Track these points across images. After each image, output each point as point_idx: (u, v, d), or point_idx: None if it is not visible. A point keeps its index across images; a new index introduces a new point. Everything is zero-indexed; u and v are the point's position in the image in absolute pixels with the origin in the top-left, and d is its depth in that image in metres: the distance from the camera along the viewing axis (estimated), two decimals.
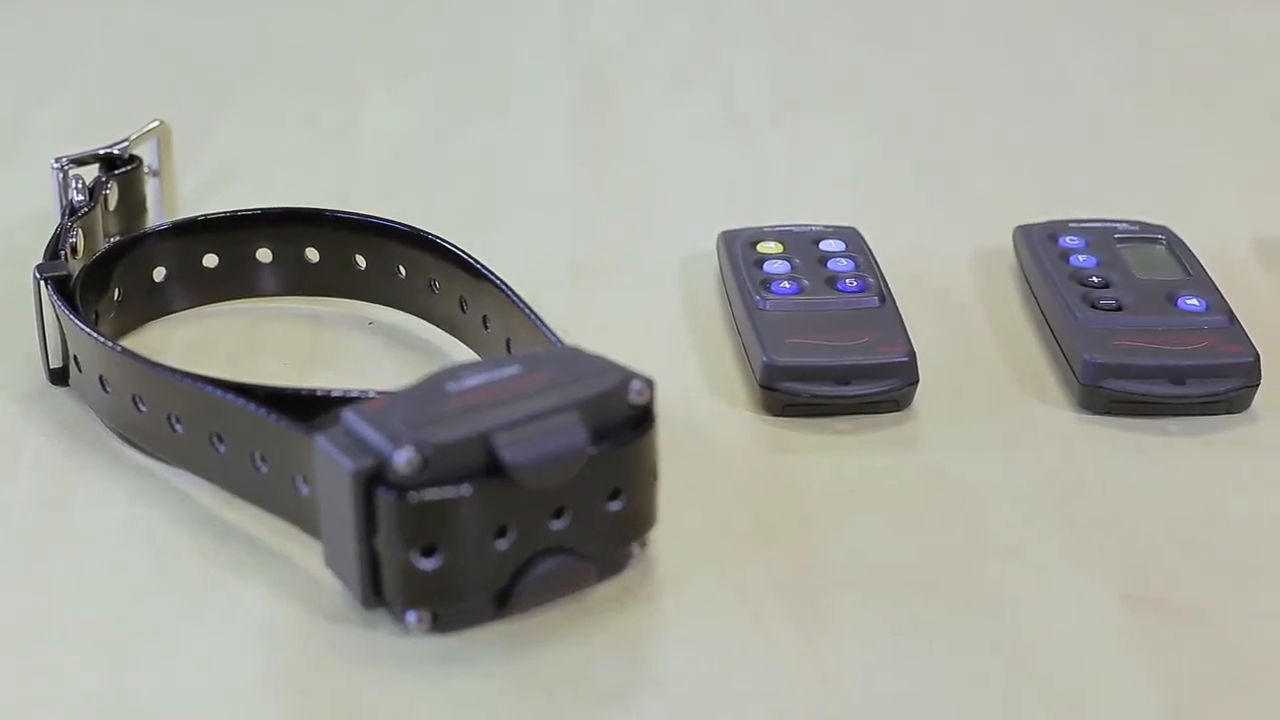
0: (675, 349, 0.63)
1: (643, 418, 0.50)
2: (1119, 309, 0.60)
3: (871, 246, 0.65)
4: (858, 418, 0.58)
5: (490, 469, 0.48)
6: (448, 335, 0.62)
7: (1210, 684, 0.48)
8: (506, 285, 0.58)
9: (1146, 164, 0.78)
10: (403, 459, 0.47)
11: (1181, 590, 0.51)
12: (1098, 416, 0.58)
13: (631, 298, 0.66)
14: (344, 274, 0.64)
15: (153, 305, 0.64)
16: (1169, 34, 0.91)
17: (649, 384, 0.50)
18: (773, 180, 0.76)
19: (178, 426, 0.54)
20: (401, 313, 0.63)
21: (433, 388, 0.50)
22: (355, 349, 0.63)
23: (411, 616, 0.49)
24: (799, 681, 0.48)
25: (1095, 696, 0.47)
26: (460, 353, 0.61)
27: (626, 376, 0.50)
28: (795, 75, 0.86)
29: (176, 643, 0.49)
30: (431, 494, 0.47)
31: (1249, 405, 0.59)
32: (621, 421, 0.50)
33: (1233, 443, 0.58)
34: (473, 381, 0.50)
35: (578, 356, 0.51)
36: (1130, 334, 0.59)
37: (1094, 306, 0.60)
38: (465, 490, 0.47)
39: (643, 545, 0.52)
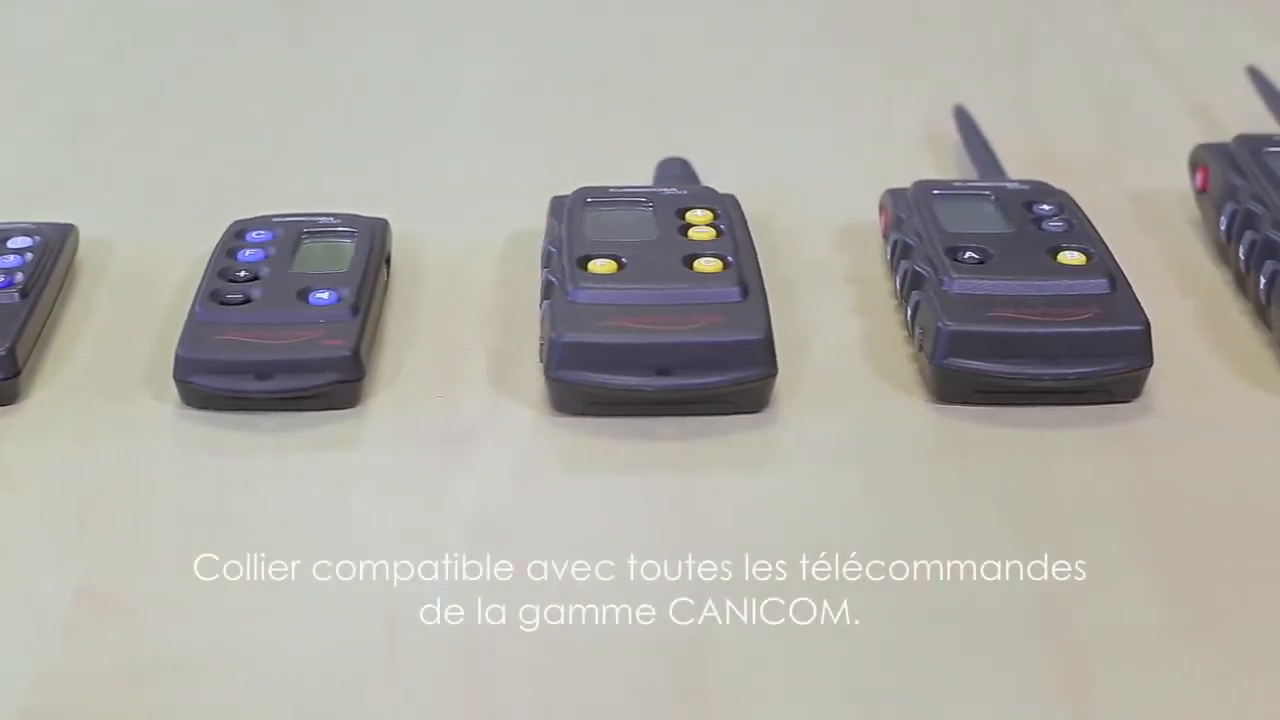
0: None
1: None
2: (245, 303, 0.59)
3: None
4: None
5: None
6: None
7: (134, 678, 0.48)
8: None
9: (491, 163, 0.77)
10: None
11: (132, 586, 0.51)
12: (196, 411, 0.57)
13: None
14: None
15: None
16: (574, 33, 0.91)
17: None
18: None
19: None
20: None
21: None
22: None
23: None
24: None
25: None
26: None
27: None
28: (125, 79, 0.86)
29: None
30: None
31: (357, 402, 0.58)
32: None
33: (321, 440, 0.57)
34: None
35: None
36: (237, 329, 0.58)
37: (221, 303, 0.59)
38: None
39: None
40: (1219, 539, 0.53)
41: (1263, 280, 0.62)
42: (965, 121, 0.75)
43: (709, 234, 0.62)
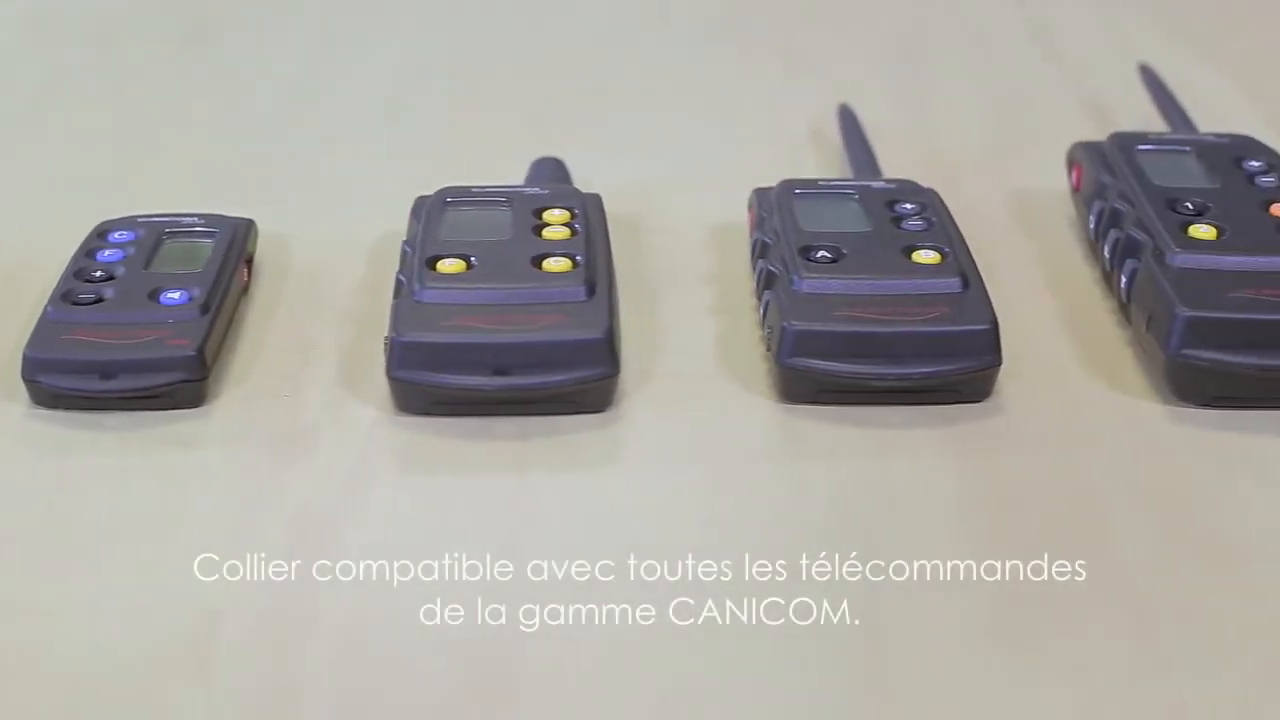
0: None
1: None
2: (97, 302, 0.60)
3: None
4: None
5: None
6: None
7: None
8: None
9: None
10: None
11: None
12: (46, 411, 0.58)
13: None
14: None
15: None
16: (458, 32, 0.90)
17: None
18: None
19: None
20: None
21: None
22: None
23: None
24: None
25: None
26: None
27: None
28: (7, 78, 0.87)
29: None
30: None
31: (203, 401, 0.58)
32: None
33: (163, 439, 0.57)
34: None
35: None
36: (86, 329, 0.58)
37: (73, 303, 0.60)
38: None
39: None
40: (1053, 538, 0.53)
41: (1124, 278, 0.62)
42: (848, 120, 0.75)
43: (563, 233, 0.62)
